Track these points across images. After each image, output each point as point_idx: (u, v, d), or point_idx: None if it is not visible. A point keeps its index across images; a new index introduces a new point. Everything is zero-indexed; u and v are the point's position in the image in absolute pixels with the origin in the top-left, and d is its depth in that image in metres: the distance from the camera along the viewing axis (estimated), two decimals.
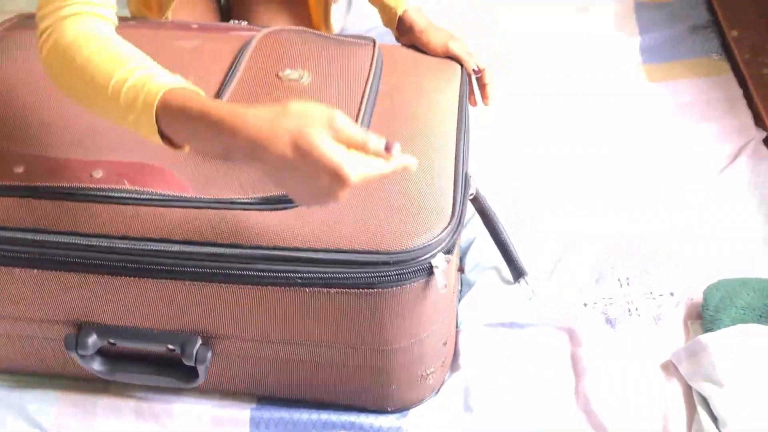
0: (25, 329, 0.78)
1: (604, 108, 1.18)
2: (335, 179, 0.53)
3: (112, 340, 0.76)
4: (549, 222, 1.00)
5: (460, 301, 0.91)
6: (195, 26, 0.97)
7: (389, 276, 0.67)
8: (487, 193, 0.92)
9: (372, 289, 0.68)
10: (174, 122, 0.58)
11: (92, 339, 0.75)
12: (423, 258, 0.68)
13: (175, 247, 0.69)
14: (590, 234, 0.98)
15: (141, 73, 0.60)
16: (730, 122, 1.13)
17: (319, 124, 0.54)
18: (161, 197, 0.71)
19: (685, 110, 1.16)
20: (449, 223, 0.70)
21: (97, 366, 0.78)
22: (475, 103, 0.99)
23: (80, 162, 0.74)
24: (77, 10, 0.64)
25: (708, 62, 1.25)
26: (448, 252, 0.70)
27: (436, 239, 0.69)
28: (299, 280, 0.68)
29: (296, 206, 0.70)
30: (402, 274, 0.67)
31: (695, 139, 1.11)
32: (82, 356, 0.76)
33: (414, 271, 0.68)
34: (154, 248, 0.69)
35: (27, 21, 0.97)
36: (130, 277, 0.70)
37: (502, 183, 1.06)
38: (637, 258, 0.94)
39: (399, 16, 0.98)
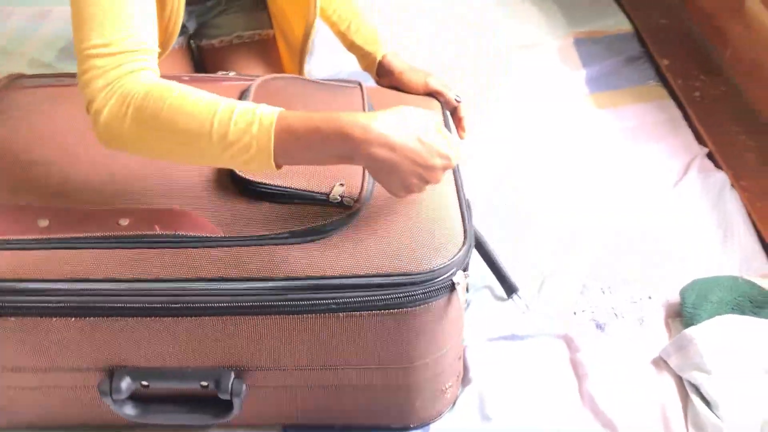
0: (55, 380, 0.79)
1: (559, 134, 1.29)
2: (445, 160, 0.68)
3: (145, 383, 0.78)
4: (529, 242, 1.08)
5: None
6: (186, 78, 1.01)
7: (416, 295, 0.73)
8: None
9: (402, 308, 0.73)
10: (294, 139, 0.65)
11: (126, 383, 0.77)
12: (444, 277, 0.73)
13: (210, 285, 0.72)
14: (571, 250, 1.06)
15: (243, 105, 0.66)
16: (674, 141, 1.25)
17: (432, 122, 0.69)
18: (192, 239, 0.74)
19: (634, 133, 1.28)
20: (463, 244, 0.76)
21: (129, 410, 0.79)
22: None
23: (104, 212, 0.77)
24: (132, 68, 0.68)
25: (647, 89, 1.38)
26: (465, 270, 0.77)
27: (454, 259, 0.75)
28: (334, 306, 0.72)
29: (322, 238, 0.75)
30: (427, 292, 0.73)
31: (647, 158, 1.23)
32: (115, 401, 0.78)
33: (437, 290, 0.73)
34: (189, 287, 0.72)
35: (17, 81, 0.99)
36: (166, 317, 0.73)
37: (486, 206, 1.14)
38: (615, 268, 1.03)
39: (379, 61, 1.05)
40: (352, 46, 1.08)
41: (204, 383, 0.78)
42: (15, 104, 0.93)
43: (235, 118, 0.65)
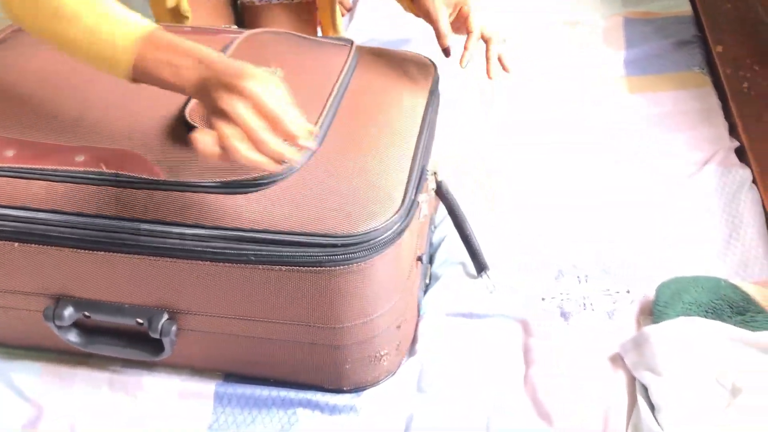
0: (10, 301, 0.84)
1: (582, 115, 1.23)
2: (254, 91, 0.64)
3: (87, 313, 0.81)
4: (517, 218, 1.04)
5: (425, 293, 0.95)
6: (188, 29, 1.04)
7: (336, 256, 0.72)
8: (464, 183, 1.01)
9: (321, 267, 0.72)
10: (157, 53, 0.67)
11: (69, 311, 0.81)
12: (368, 242, 0.72)
13: (144, 226, 0.74)
14: (555, 232, 1.02)
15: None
16: (704, 132, 1.16)
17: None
18: (134, 180, 0.76)
19: (661, 120, 1.20)
20: (396, 212, 0.74)
21: (73, 337, 0.84)
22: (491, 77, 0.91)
23: (66, 147, 0.80)
24: None
25: (690, 75, 1.29)
26: (400, 234, 0.74)
27: (382, 226, 0.73)
28: (253, 258, 0.73)
29: (253, 191, 0.75)
30: (348, 254, 0.72)
31: (668, 146, 1.15)
32: (59, 327, 0.82)
33: (360, 252, 0.72)
34: (124, 226, 0.75)
35: None
36: (103, 252, 0.76)
37: (478, 174, 1.11)
38: (599, 257, 0.97)
39: None
40: None
41: (140, 320, 0.81)
42: (22, 43, 0.98)
43: (113, 18, 0.67)
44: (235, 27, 1.08)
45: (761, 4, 1.42)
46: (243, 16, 1.32)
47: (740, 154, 1.12)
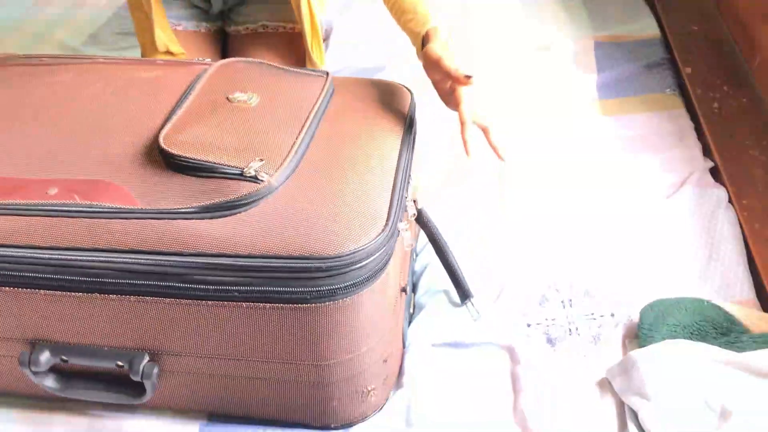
0: None
1: (555, 140, 1.23)
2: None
3: (64, 357, 0.79)
4: (498, 245, 1.04)
5: (410, 323, 0.94)
6: (160, 62, 1.03)
7: (321, 291, 0.70)
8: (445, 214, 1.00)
9: (306, 304, 0.71)
10: None
11: (45, 356, 0.78)
12: (354, 265, 0.70)
13: (120, 257, 0.72)
14: (541, 258, 1.01)
15: None
16: (678, 153, 1.18)
17: None
18: (108, 209, 0.74)
19: (635, 143, 1.21)
20: (381, 233, 0.73)
21: (50, 383, 0.81)
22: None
23: (38, 181, 0.78)
24: None
25: (661, 97, 1.30)
26: (386, 263, 0.74)
27: (367, 247, 0.71)
28: (237, 294, 0.71)
29: (232, 214, 0.74)
30: (334, 287, 0.70)
31: (644, 168, 1.16)
32: (35, 373, 0.79)
33: (346, 284, 0.71)
34: (101, 258, 0.72)
35: (8, 60, 1.03)
36: (79, 293, 0.74)
37: (456, 205, 1.11)
38: (581, 281, 0.97)
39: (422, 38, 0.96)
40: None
41: (120, 363, 0.78)
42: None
43: None
44: (209, 60, 1.06)
45: (726, 25, 1.45)
46: (229, 47, 1.32)
47: (714, 174, 1.14)
